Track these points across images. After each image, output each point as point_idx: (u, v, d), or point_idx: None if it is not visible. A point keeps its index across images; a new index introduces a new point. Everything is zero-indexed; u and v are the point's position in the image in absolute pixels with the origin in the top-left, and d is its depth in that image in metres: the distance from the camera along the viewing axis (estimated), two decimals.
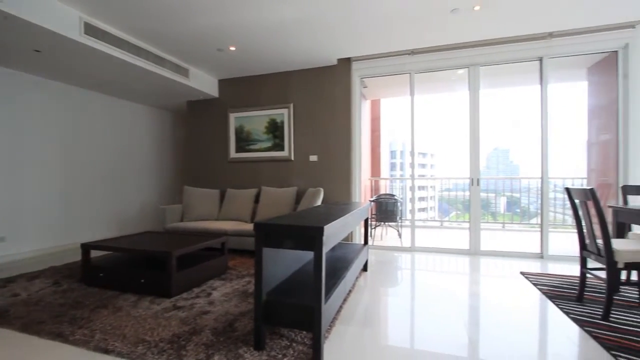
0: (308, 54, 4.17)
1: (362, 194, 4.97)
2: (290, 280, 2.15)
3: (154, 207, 5.96)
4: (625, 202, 2.92)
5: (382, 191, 6.77)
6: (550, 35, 3.67)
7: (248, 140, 5.05)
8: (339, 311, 2.32)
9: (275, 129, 4.87)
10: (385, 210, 5.11)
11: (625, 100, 3.54)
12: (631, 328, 2.05)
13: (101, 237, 4.88)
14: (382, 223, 5.36)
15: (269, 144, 4.92)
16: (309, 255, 2.65)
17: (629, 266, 2.21)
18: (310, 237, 1.66)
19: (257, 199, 4.67)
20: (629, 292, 2.65)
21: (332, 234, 1.85)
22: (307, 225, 1.66)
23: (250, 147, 5.03)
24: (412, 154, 4.38)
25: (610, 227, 2.65)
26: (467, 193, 4.24)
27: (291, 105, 4.76)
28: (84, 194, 4.75)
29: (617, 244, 2.26)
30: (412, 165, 4.39)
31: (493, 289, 2.85)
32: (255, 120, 4.99)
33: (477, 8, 3.11)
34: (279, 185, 4.78)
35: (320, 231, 1.62)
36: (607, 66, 3.84)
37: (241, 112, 5.06)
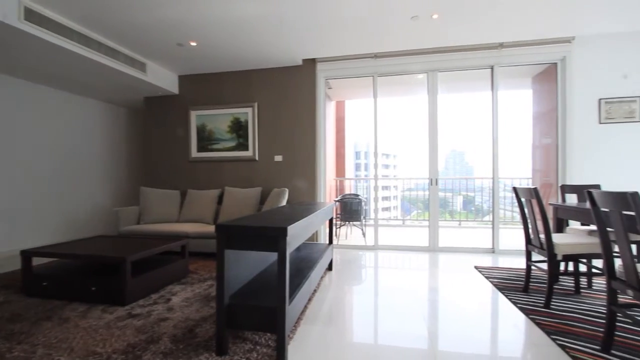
0: (273, 53, 4.13)
1: (327, 194, 5.02)
2: (254, 282, 2.11)
3: (107, 210, 5.57)
4: (564, 199, 3.22)
5: (347, 191, 6.88)
6: (501, 45, 3.95)
7: (210, 140, 4.89)
8: (303, 311, 2.32)
9: (239, 128, 4.77)
10: (350, 210, 5.20)
11: (562, 108, 3.91)
12: (568, 314, 2.26)
13: (46, 243, 4.47)
14: (347, 222, 5.45)
15: (232, 144, 4.80)
16: (274, 256, 2.63)
17: (567, 258, 2.44)
18: (273, 238, 1.64)
19: (220, 200, 4.54)
20: (567, 282, 2.93)
21: (296, 234, 1.85)
22: (271, 226, 1.65)
23: (212, 147, 4.88)
24: (375, 154, 4.50)
25: (551, 223, 2.90)
26: (427, 193, 4.44)
27: (255, 104, 4.68)
28: (24, 196, 4.32)
29: (556, 238, 2.48)
30: (375, 166, 4.51)
31: (450, 283, 3.01)
32: (218, 118, 4.85)
33: (435, 17, 3.27)
34: (243, 186, 4.68)
35: (283, 232, 1.61)
36: (548, 76, 4.20)
37: (203, 110, 4.89)
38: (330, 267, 3.42)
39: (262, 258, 2.42)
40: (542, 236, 2.49)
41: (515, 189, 2.71)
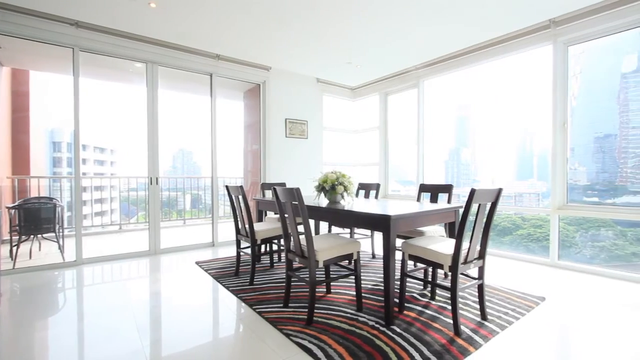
0: None
1: None
2: None
3: None
4: (263, 195, 4.03)
5: (35, 193, 5.10)
6: (218, 57, 4.35)
7: None
8: None
9: None
10: (37, 218, 3.88)
11: (264, 122, 4.89)
12: (265, 285, 2.86)
13: None
14: (33, 236, 4.05)
15: None
16: None
17: (264, 241, 3.07)
18: None
19: None
20: (265, 260, 3.68)
21: None
22: None
23: None
24: (76, 146, 3.62)
25: (254, 214, 3.55)
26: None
27: None
28: None
29: (257, 226, 3.07)
30: (77, 161, 3.62)
31: (171, 284, 2.97)
32: None
33: (153, 5, 3.07)
34: None
35: None
36: (254, 94, 5.11)
37: None
38: None
39: None
40: (247, 226, 2.99)
41: (227, 187, 3.09)
